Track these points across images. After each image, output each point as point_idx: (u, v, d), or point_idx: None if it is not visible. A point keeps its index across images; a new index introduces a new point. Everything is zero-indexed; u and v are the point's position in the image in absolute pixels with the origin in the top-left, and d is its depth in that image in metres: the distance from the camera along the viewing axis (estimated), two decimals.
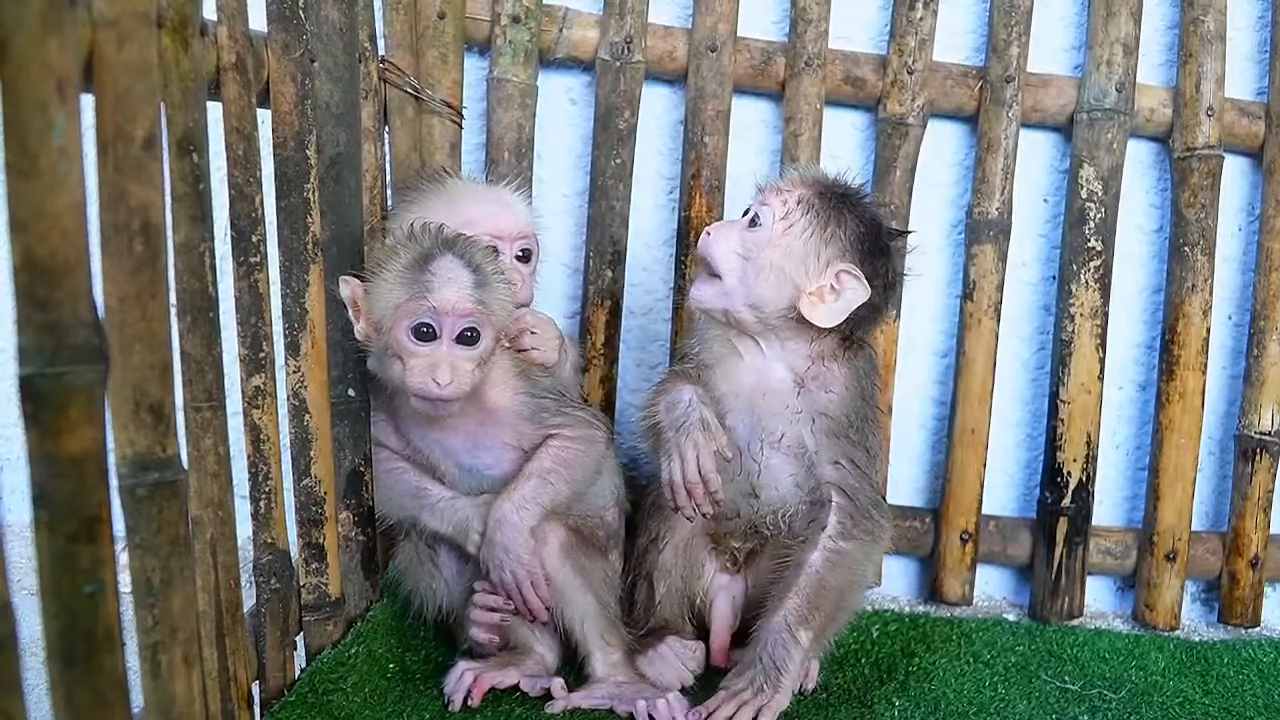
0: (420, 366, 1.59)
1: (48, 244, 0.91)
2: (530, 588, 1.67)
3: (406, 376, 1.60)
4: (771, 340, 1.74)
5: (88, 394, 0.95)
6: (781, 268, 1.68)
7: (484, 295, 1.61)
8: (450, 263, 1.60)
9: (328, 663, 1.64)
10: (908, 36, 2.18)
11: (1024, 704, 1.81)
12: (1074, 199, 2.21)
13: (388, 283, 1.60)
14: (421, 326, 1.59)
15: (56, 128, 0.90)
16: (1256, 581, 2.26)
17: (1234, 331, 2.36)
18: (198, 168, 1.25)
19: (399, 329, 1.59)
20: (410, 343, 1.59)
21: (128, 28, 1.06)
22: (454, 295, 1.58)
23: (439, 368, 1.58)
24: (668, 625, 1.84)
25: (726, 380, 1.77)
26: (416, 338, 1.59)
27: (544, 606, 1.68)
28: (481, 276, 1.62)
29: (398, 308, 1.59)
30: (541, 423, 1.75)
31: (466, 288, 1.59)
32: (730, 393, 1.77)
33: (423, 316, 1.58)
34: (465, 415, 1.71)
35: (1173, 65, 2.26)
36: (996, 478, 2.34)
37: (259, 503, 1.52)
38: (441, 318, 1.58)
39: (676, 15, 2.24)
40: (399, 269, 1.60)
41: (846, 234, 1.69)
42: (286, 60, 1.54)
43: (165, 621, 1.15)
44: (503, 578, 1.67)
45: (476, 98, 2.18)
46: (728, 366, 1.78)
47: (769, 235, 1.69)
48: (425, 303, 1.58)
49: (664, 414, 1.72)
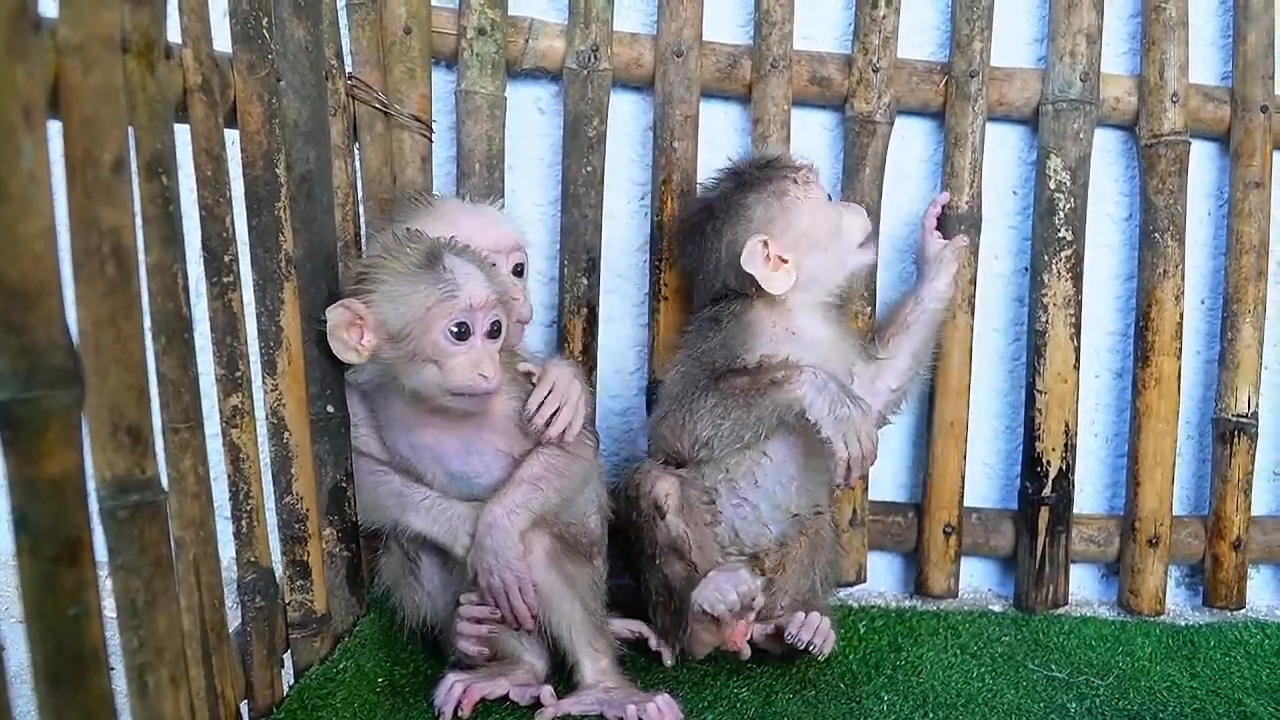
0: (463, 365, 1.62)
1: (19, 269, 0.91)
2: (518, 594, 1.66)
3: (448, 377, 1.62)
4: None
5: (64, 417, 0.95)
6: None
7: (497, 286, 1.65)
8: (459, 259, 1.64)
9: (316, 679, 1.64)
10: (872, 35, 2.19)
11: (1012, 693, 1.82)
12: (1043, 190, 2.22)
13: (404, 289, 1.61)
14: (459, 327, 1.61)
15: (24, 154, 0.90)
16: (1240, 564, 2.27)
17: (1207, 316, 2.37)
18: (167, 190, 1.25)
19: (434, 332, 1.61)
20: (448, 344, 1.62)
21: (93, 53, 1.06)
22: (481, 290, 1.62)
23: (483, 363, 1.62)
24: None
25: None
26: (455, 339, 1.61)
27: (530, 614, 1.68)
28: (485, 268, 1.66)
29: (429, 310, 1.60)
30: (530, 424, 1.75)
31: (485, 281, 1.64)
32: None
33: (459, 316, 1.61)
34: (464, 419, 1.71)
35: (1136, 53, 2.28)
36: (977, 470, 2.35)
37: (241, 521, 1.52)
38: (475, 314, 1.61)
39: (642, 22, 2.25)
40: (410, 273, 1.62)
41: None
42: (253, 80, 1.54)
43: (151, 642, 1.15)
44: (491, 582, 1.66)
45: (445, 111, 2.19)
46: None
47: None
48: (458, 302, 1.60)
49: (817, 395, 1.76)
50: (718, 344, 1.86)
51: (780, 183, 1.89)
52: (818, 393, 1.76)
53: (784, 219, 1.88)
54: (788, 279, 1.86)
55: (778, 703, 1.74)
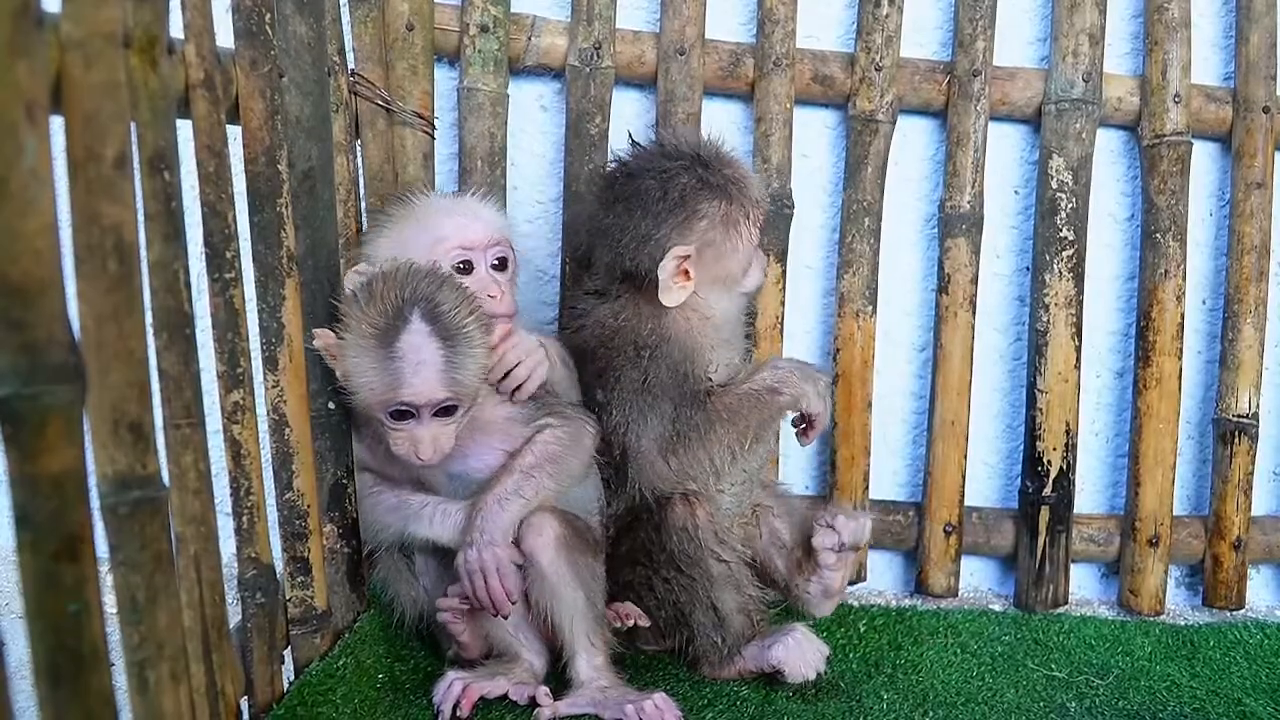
0: (402, 440, 1.65)
1: (21, 266, 0.91)
2: (495, 575, 1.64)
3: (390, 442, 1.66)
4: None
5: (66, 413, 0.95)
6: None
7: (456, 374, 1.63)
8: (418, 339, 1.60)
9: (316, 675, 1.64)
10: (874, 34, 2.19)
11: (1012, 693, 1.82)
12: (1045, 190, 2.22)
13: (357, 359, 1.62)
14: (397, 412, 1.64)
15: (27, 150, 0.90)
16: (1239, 564, 2.27)
17: (1208, 316, 2.37)
18: (169, 186, 1.24)
19: (374, 408, 1.64)
20: (389, 421, 1.65)
21: (95, 49, 1.06)
22: (426, 385, 1.61)
23: (420, 445, 1.65)
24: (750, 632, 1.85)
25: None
26: (394, 419, 1.64)
27: (508, 599, 1.65)
28: (452, 348, 1.62)
29: (371, 391, 1.62)
30: (530, 421, 1.76)
31: (437, 372, 1.61)
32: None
33: (396, 407, 1.63)
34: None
35: (1139, 54, 2.28)
36: (978, 469, 2.36)
37: (241, 518, 1.52)
38: (419, 407, 1.63)
39: (644, 20, 2.25)
40: (366, 343, 1.61)
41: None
42: (255, 76, 1.54)
43: (151, 638, 1.15)
44: (468, 556, 1.64)
45: (448, 108, 2.19)
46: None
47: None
48: (398, 394, 1.61)
49: (805, 385, 1.87)
50: (665, 371, 1.82)
51: (738, 207, 1.85)
52: (803, 382, 1.86)
53: (718, 249, 1.84)
54: (681, 295, 1.83)
55: (777, 701, 1.74)
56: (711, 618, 1.81)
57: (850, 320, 2.22)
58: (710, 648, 1.82)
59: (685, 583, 1.81)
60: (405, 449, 1.65)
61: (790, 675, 1.75)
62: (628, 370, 1.82)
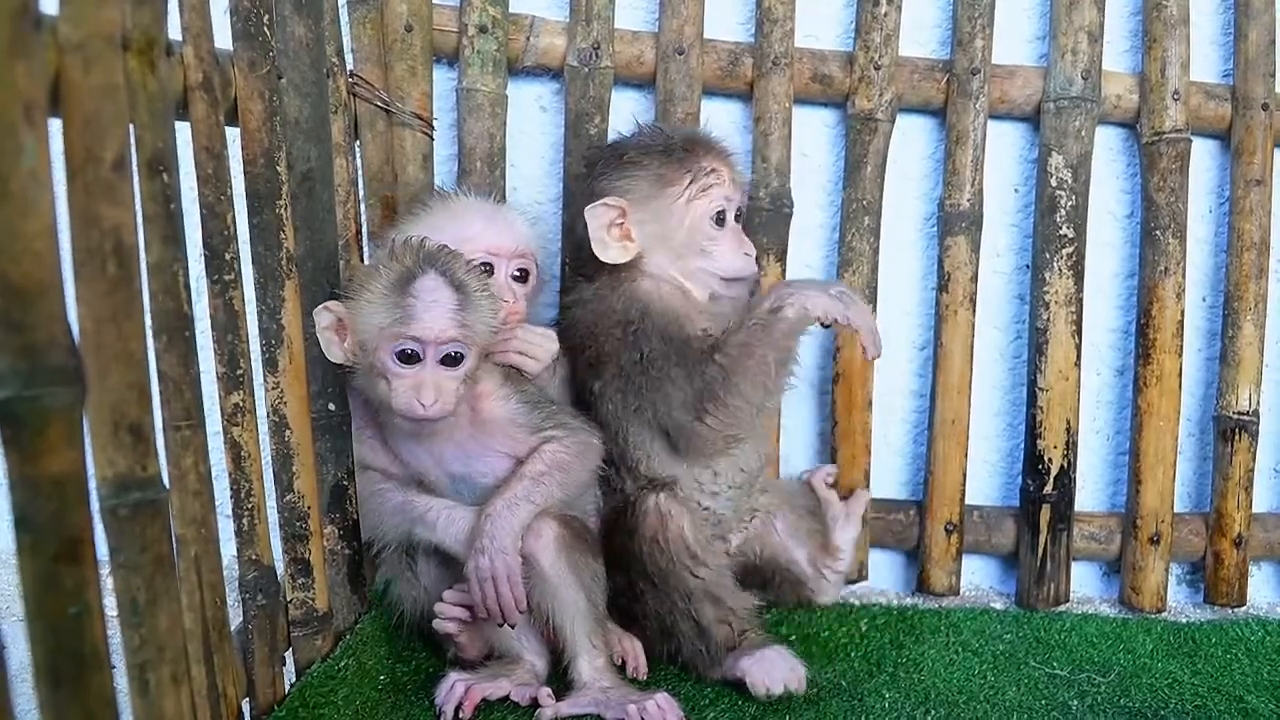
0: (405, 388, 1.62)
1: (21, 268, 0.91)
2: (506, 583, 1.64)
3: (391, 397, 1.63)
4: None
5: (66, 416, 0.96)
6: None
7: (467, 317, 1.63)
8: (432, 283, 1.62)
9: (318, 676, 1.64)
10: (873, 32, 2.19)
11: (1014, 691, 1.82)
12: (1044, 187, 2.22)
13: (371, 304, 1.62)
14: (405, 351, 1.61)
15: (26, 152, 0.90)
16: (1241, 561, 2.27)
17: (1208, 313, 2.37)
18: (168, 188, 1.24)
19: (382, 352, 1.62)
20: (394, 365, 1.62)
21: (94, 51, 1.06)
22: (437, 322, 1.61)
23: (424, 389, 1.62)
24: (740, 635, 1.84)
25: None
26: (401, 361, 1.62)
27: (516, 607, 1.66)
28: (464, 295, 1.63)
29: (381, 331, 1.61)
30: (536, 428, 1.75)
31: (449, 311, 1.61)
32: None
33: (405, 343, 1.61)
34: (457, 427, 1.72)
35: (1138, 51, 2.28)
36: (978, 467, 2.36)
37: (242, 519, 1.52)
38: (425, 344, 1.61)
39: (643, 19, 2.25)
40: (381, 290, 1.62)
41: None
42: (253, 77, 1.54)
43: (152, 640, 1.15)
44: (479, 564, 1.64)
45: (447, 109, 2.19)
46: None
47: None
48: (408, 329, 1.60)
49: (814, 294, 1.83)
50: (658, 341, 1.82)
51: (677, 168, 1.87)
52: (806, 291, 1.82)
53: (652, 208, 1.87)
54: (620, 253, 1.86)
55: (779, 701, 1.73)
56: (693, 628, 1.81)
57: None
58: (695, 655, 1.82)
59: (662, 595, 1.81)
60: (407, 399, 1.62)
61: (753, 686, 1.72)
62: (622, 353, 1.83)
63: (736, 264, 1.91)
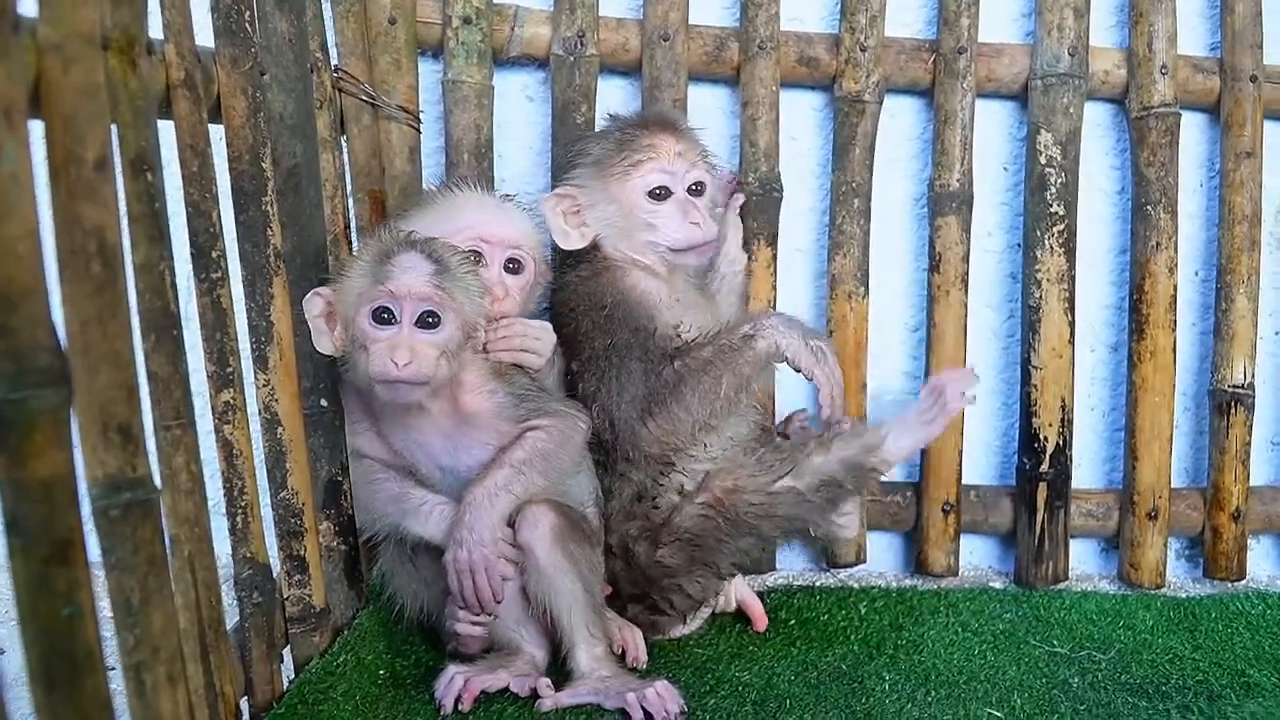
0: (380, 350, 1.62)
1: (4, 270, 0.91)
2: (484, 574, 1.65)
3: (369, 364, 1.62)
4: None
5: (53, 417, 0.95)
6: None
7: (444, 282, 1.63)
8: (411, 254, 1.64)
9: (316, 673, 1.64)
10: (859, 14, 2.19)
11: (1014, 669, 1.82)
12: (1034, 165, 2.22)
13: (352, 278, 1.64)
14: (380, 311, 1.62)
15: (6, 154, 0.90)
16: (1239, 534, 2.27)
17: (1201, 287, 2.37)
18: (152, 187, 1.24)
19: (361, 318, 1.62)
20: (371, 328, 1.62)
21: (73, 51, 1.05)
22: (411, 280, 1.61)
23: (398, 349, 1.61)
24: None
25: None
26: (376, 322, 1.62)
27: (494, 599, 1.66)
28: (443, 267, 1.64)
29: (360, 296, 1.62)
30: (520, 419, 1.75)
31: (425, 274, 1.62)
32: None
33: (380, 300, 1.61)
34: (442, 416, 1.72)
35: (1124, 26, 2.27)
36: (975, 447, 2.36)
37: (236, 518, 1.52)
38: (400, 301, 1.61)
39: (627, 6, 2.24)
40: (363, 264, 1.64)
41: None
42: (236, 74, 1.54)
43: (147, 641, 1.14)
44: (457, 555, 1.65)
45: (433, 101, 2.19)
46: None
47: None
48: (383, 288, 1.61)
49: (789, 335, 1.83)
50: (627, 331, 1.84)
51: (619, 154, 1.90)
52: (792, 333, 1.83)
53: (598, 193, 1.91)
54: (575, 240, 1.90)
55: (779, 685, 1.74)
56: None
57: (843, 302, 2.22)
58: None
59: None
60: (381, 361, 1.61)
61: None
62: (595, 335, 1.85)
63: (680, 234, 1.90)
